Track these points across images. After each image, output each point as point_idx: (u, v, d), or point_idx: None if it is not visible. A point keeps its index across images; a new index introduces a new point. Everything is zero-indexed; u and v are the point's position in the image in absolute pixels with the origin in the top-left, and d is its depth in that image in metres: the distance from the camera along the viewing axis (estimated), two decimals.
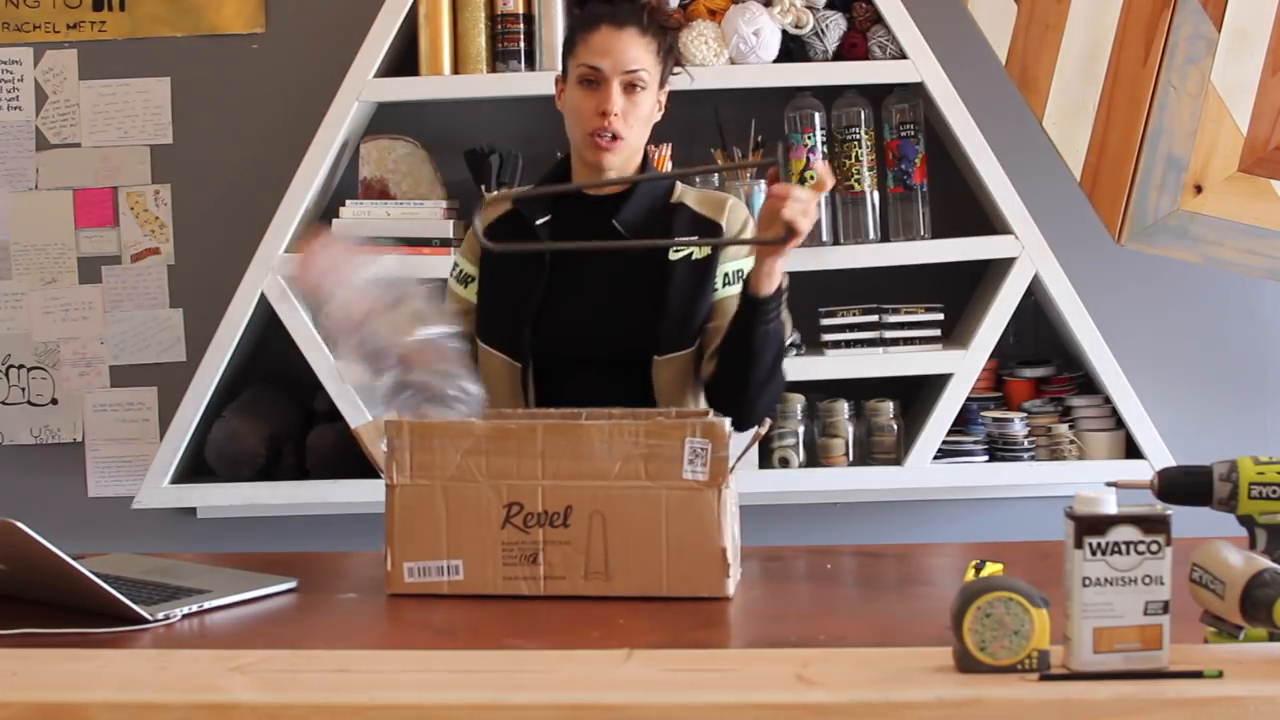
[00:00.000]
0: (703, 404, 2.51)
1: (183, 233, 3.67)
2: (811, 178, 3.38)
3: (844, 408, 3.46)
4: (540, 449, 2.03)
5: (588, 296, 2.50)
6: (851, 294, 3.45)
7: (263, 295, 3.40)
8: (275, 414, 3.55)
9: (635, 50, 2.46)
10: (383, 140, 3.49)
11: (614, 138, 2.45)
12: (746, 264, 2.48)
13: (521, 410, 2.34)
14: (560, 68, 2.54)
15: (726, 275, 2.51)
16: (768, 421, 2.21)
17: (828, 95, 3.43)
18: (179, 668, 1.68)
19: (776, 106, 3.45)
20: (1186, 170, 3.34)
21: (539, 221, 2.52)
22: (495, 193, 2.76)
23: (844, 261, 3.39)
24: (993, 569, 2.00)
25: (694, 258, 2.50)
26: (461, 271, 2.59)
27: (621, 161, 2.49)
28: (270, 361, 3.61)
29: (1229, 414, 3.58)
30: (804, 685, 1.53)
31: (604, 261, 2.51)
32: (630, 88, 2.45)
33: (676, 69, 2.56)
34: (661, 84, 2.52)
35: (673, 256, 2.49)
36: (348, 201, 3.47)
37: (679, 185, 2.58)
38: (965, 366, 3.35)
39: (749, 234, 2.50)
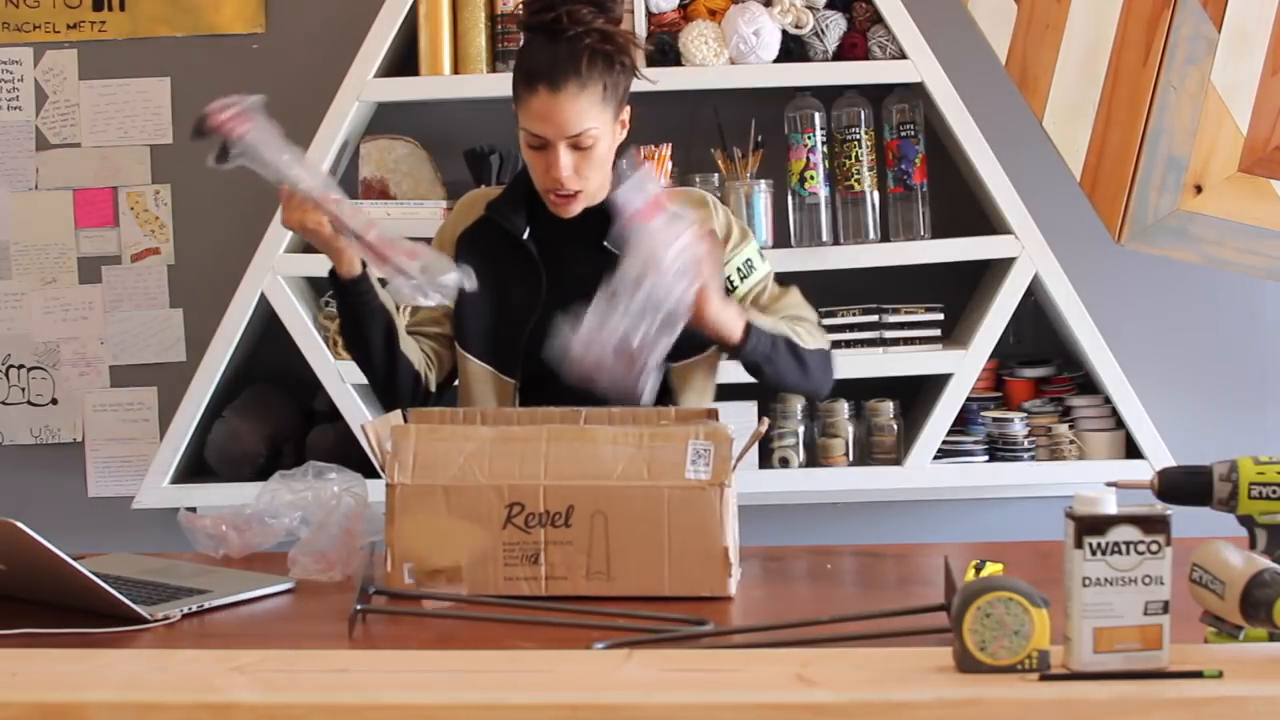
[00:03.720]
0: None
1: (183, 233, 3.67)
2: (812, 178, 3.38)
3: (844, 408, 3.46)
4: (544, 452, 2.03)
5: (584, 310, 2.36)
6: (851, 294, 3.45)
7: (263, 295, 3.40)
8: (275, 414, 3.55)
9: (575, 110, 2.30)
10: (383, 140, 3.49)
11: (569, 194, 2.37)
12: (751, 251, 2.47)
13: (524, 410, 2.31)
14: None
15: (739, 270, 2.45)
16: (767, 421, 2.21)
17: (828, 95, 3.42)
18: (178, 668, 1.68)
19: (776, 106, 3.45)
20: (1186, 170, 3.33)
21: (525, 236, 2.43)
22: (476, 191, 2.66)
23: (844, 261, 3.39)
24: (993, 569, 1.99)
25: None
26: None
27: (581, 207, 2.41)
28: (270, 361, 3.61)
29: (1229, 414, 3.58)
30: (804, 685, 1.53)
31: (600, 274, 2.37)
32: (577, 147, 2.33)
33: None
34: (618, 114, 2.38)
35: None
36: None
37: None
38: (965, 366, 3.35)
39: (736, 228, 2.47)
